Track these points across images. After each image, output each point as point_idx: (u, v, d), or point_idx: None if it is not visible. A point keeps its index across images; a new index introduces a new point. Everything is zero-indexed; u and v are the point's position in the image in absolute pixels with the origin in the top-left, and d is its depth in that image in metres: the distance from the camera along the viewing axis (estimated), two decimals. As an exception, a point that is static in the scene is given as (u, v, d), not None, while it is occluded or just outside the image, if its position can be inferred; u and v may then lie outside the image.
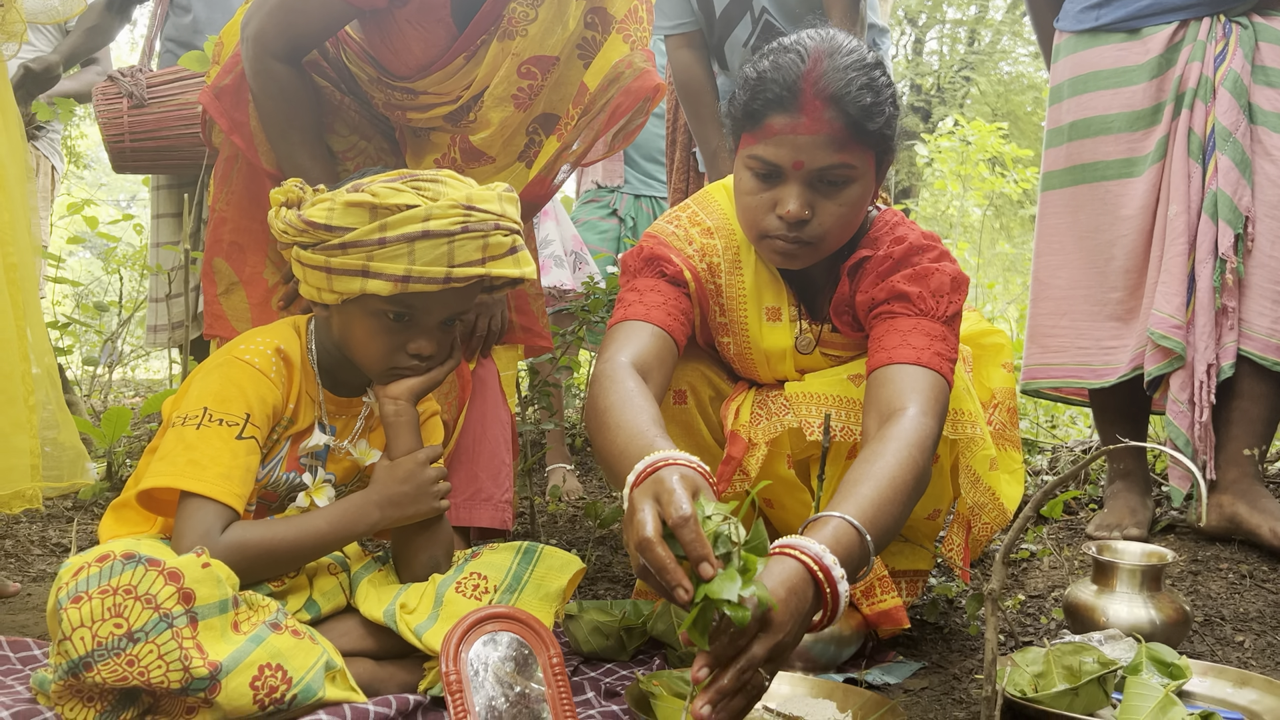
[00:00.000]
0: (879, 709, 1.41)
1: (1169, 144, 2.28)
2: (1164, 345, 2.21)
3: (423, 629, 1.43)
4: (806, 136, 1.51)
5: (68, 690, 1.21)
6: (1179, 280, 2.23)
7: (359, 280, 1.44)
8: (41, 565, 2.30)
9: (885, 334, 1.57)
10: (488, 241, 1.45)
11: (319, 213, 1.44)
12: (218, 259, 2.10)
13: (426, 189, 1.45)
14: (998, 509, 1.73)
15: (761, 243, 1.61)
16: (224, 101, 2.02)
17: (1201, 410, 2.19)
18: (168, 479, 1.41)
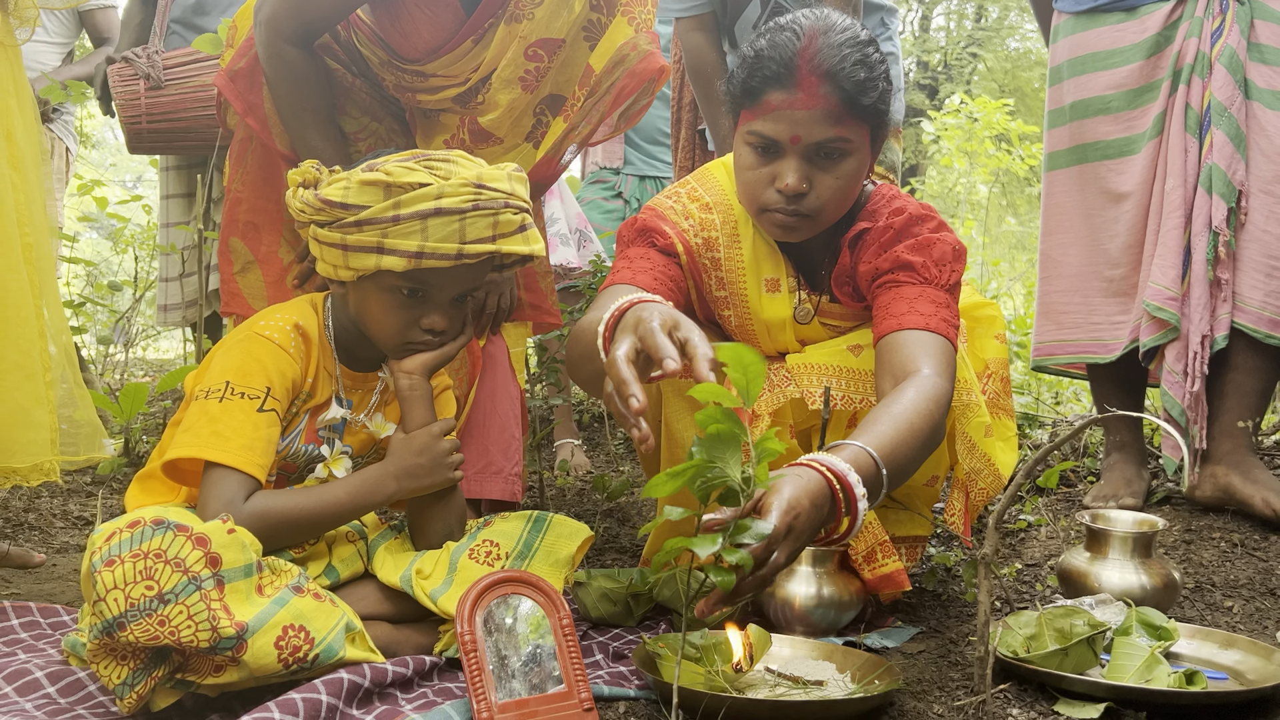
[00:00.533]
0: (876, 669, 1.46)
1: (1166, 120, 2.32)
2: (1159, 317, 2.26)
3: (438, 593, 1.49)
4: (803, 111, 1.57)
5: (102, 649, 1.27)
6: (1175, 253, 2.27)
7: (374, 257, 1.49)
8: (64, 538, 2.37)
9: (892, 301, 1.63)
10: (498, 219, 1.50)
11: (335, 191, 1.49)
12: (234, 238, 2.15)
13: (439, 168, 1.50)
14: (993, 474, 1.79)
15: (762, 216, 1.67)
16: (239, 84, 2.07)
17: (1194, 380, 2.24)
18: (192, 450, 1.47)
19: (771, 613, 1.70)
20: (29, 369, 1.84)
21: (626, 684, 1.46)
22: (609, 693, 1.42)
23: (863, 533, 1.71)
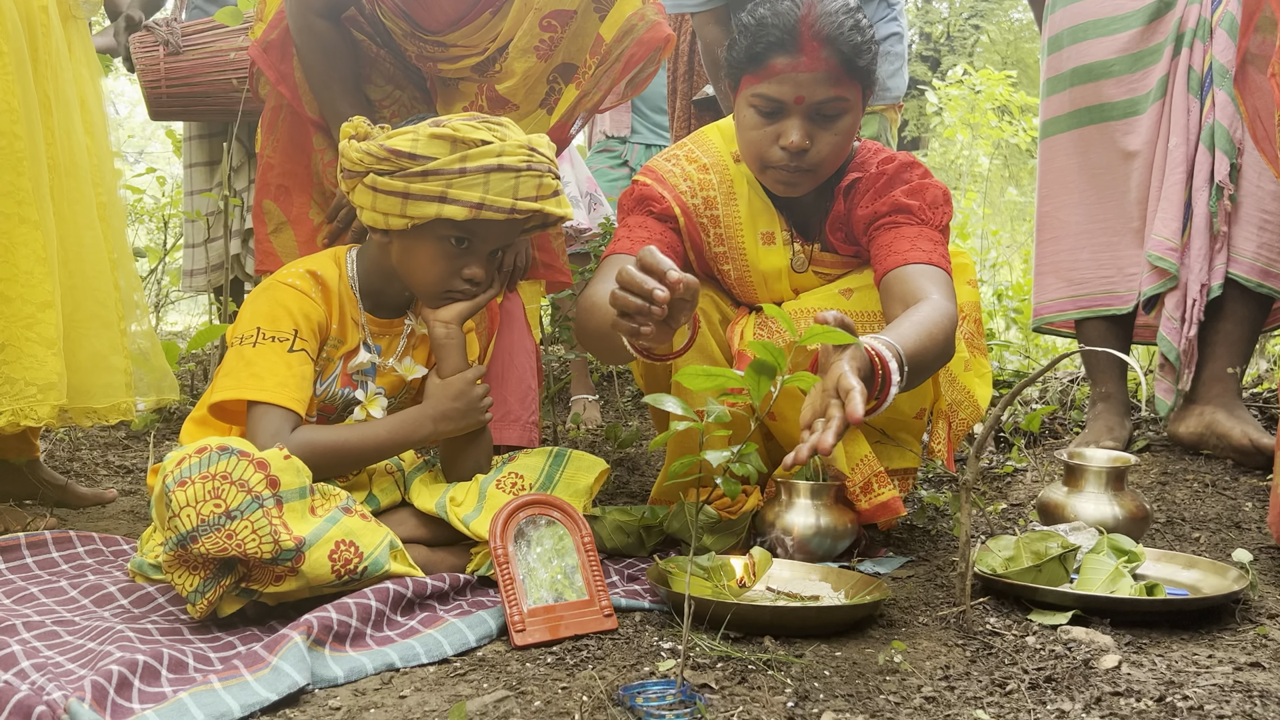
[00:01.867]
0: (867, 587, 1.61)
1: (1169, 82, 2.45)
2: (1159, 266, 2.40)
3: (470, 518, 1.64)
4: (806, 74, 1.72)
5: (176, 561, 1.42)
6: (1176, 207, 2.41)
7: (436, 205, 1.61)
8: (108, 484, 2.52)
9: (894, 240, 1.77)
10: (542, 181, 1.65)
11: (403, 142, 1.61)
12: (267, 200, 2.29)
13: (496, 129, 1.64)
14: (973, 405, 1.95)
15: (765, 173, 1.82)
16: (271, 55, 2.20)
17: (1190, 326, 2.39)
18: (233, 391, 1.62)
19: (771, 541, 1.85)
20: (105, 318, 1.99)
21: (641, 599, 1.61)
22: (625, 604, 1.57)
23: (859, 465, 1.86)
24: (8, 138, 1.91)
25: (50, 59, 1.98)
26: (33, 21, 1.96)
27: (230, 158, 3.28)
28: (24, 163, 1.90)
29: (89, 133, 2.06)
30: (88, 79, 2.09)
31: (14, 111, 1.89)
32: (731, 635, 1.45)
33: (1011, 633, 1.47)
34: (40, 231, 1.91)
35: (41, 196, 1.93)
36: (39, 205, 1.91)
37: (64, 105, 2.00)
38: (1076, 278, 2.63)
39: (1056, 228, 2.67)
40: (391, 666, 1.33)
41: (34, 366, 1.87)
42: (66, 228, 1.98)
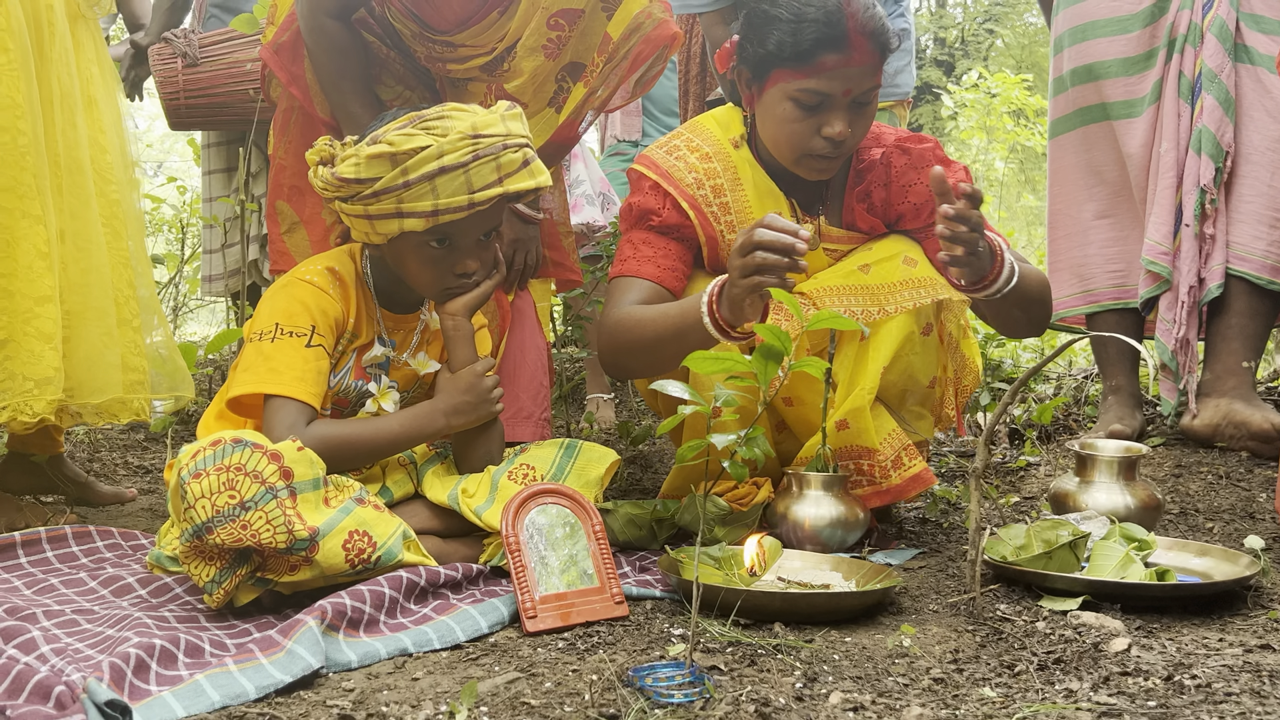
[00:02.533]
0: (878, 575, 1.62)
1: (1162, 86, 2.47)
2: (1152, 270, 2.41)
3: (481, 509, 1.66)
4: (856, 69, 1.79)
5: (192, 551, 1.44)
6: (1168, 211, 2.43)
7: (395, 221, 1.64)
8: (127, 484, 2.55)
9: None
10: (499, 162, 1.64)
11: (348, 169, 1.62)
12: (280, 201, 2.32)
13: (435, 127, 1.63)
14: (973, 372, 2.01)
15: (801, 162, 1.87)
16: (282, 57, 2.23)
17: (1180, 327, 2.40)
18: (251, 386, 1.64)
19: (783, 533, 1.85)
20: (116, 315, 2.01)
21: (652, 587, 1.62)
22: (637, 593, 1.58)
23: (888, 439, 1.88)
24: (10, 133, 1.91)
25: (57, 56, 2.00)
26: (39, 19, 1.98)
27: (248, 164, 3.32)
28: (27, 158, 1.91)
29: (100, 130, 2.08)
30: (98, 78, 2.11)
31: (18, 107, 1.90)
32: (742, 622, 1.46)
33: (1021, 618, 1.47)
34: (42, 226, 1.92)
35: (44, 192, 1.93)
36: (41, 200, 1.92)
37: (69, 103, 2.02)
38: (1086, 273, 2.65)
39: (1067, 225, 2.68)
40: (404, 651, 1.34)
41: (31, 361, 1.88)
42: (72, 224, 2.00)
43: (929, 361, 1.92)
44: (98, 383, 1.99)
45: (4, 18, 1.91)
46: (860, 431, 1.87)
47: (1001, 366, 3.18)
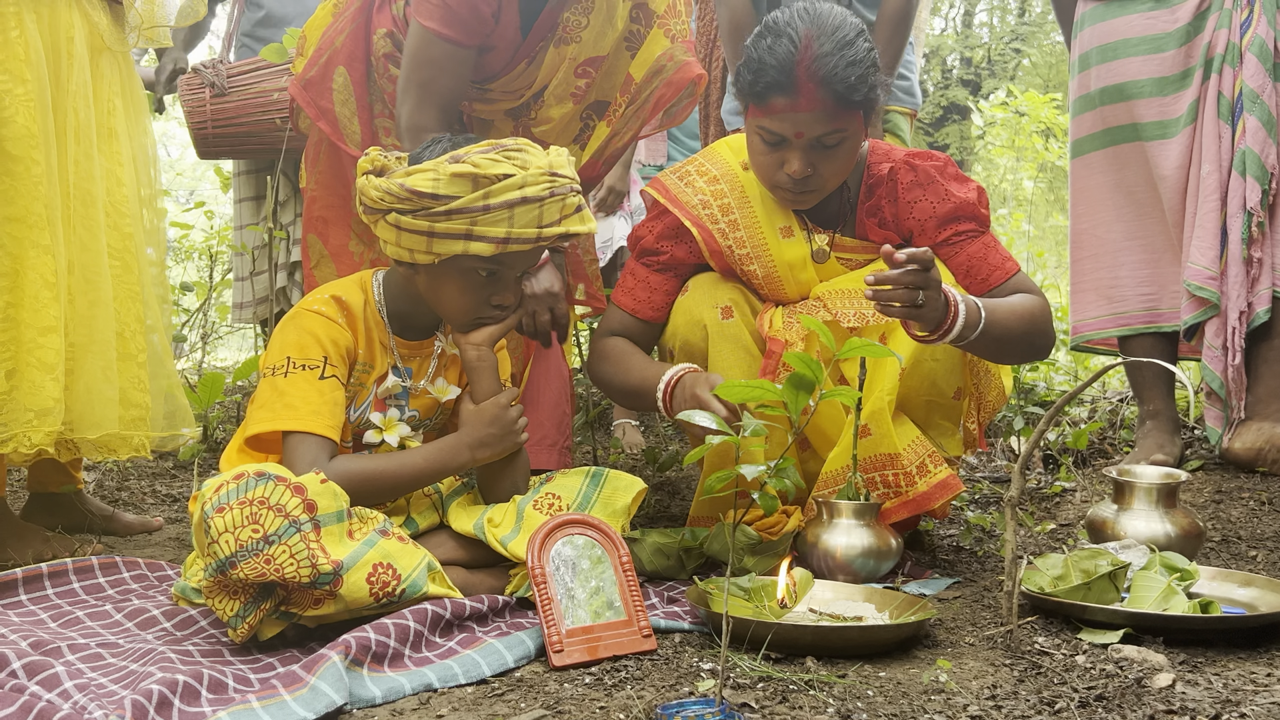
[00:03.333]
0: (912, 607, 1.58)
1: (1200, 107, 2.43)
2: (1199, 295, 2.36)
3: (507, 539, 1.64)
4: (804, 114, 1.81)
5: (216, 586, 1.43)
6: (1212, 234, 2.38)
7: (461, 243, 1.62)
8: (155, 512, 2.55)
9: (984, 252, 1.93)
10: (565, 202, 1.65)
11: (424, 182, 1.60)
12: (310, 234, 2.32)
13: (515, 157, 1.63)
14: (999, 388, 1.99)
15: (774, 191, 1.93)
16: (310, 91, 2.23)
17: (1234, 354, 2.34)
18: (267, 423, 1.62)
19: (814, 563, 1.82)
20: (106, 351, 1.99)
21: (680, 619, 1.59)
22: (665, 625, 1.56)
23: (912, 446, 1.86)
24: (24, 163, 1.91)
25: (75, 88, 2.00)
26: (59, 51, 1.99)
27: (275, 193, 3.34)
28: (39, 188, 1.90)
29: (118, 163, 2.08)
30: (121, 110, 2.11)
31: (33, 138, 1.91)
32: (773, 656, 1.42)
33: (1060, 652, 1.44)
34: (50, 257, 1.91)
35: (54, 222, 1.93)
36: (51, 231, 1.92)
37: (85, 134, 2.01)
38: (1116, 295, 2.60)
39: (1094, 245, 2.63)
40: (429, 687, 1.32)
41: (32, 392, 1.87)
42: (81, 255, 1.99)
43: (951, 371, 1.91)
44: (95, 417, 1.95)
45: (24, 49, 1.92)
46: (881, 437, 1.84)
47: (1035, 390, 3.13)
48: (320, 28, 2.28)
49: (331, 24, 2.25)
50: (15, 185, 1.90)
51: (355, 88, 2.23)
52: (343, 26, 2.21)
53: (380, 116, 2.26)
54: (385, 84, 2.22)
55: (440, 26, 1.97)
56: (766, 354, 1.92)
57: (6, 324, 1.88)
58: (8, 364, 1.88)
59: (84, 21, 2.04)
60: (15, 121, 1.90)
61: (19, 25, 1.92)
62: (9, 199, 1.90)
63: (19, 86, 1.91)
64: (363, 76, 2.23)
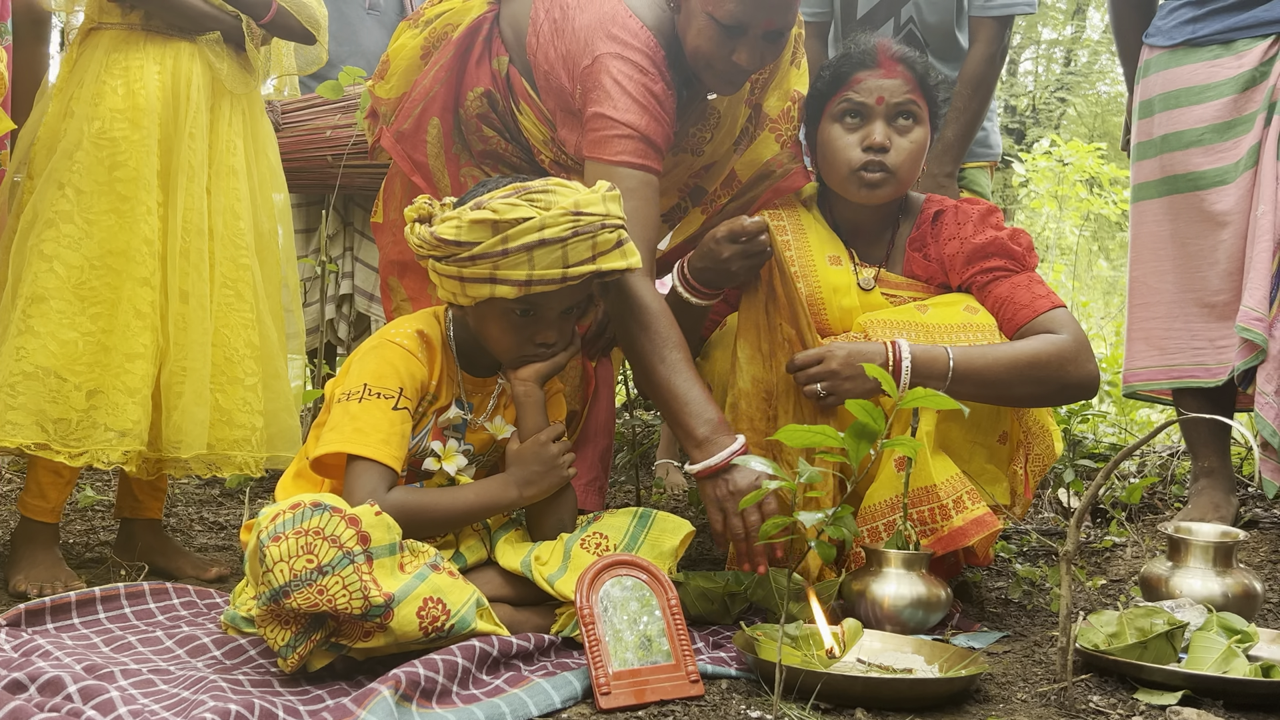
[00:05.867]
0: (962, 660, 1.56)
1: (1260, 150, 2.40)
2: (1246, 338, 2.32)
3: (554, 578, 1.64)
4: (886, 80, 2.00)
5: (269, 615, 1.43)
6: (1264, 276, 2.33)
7: (488, 286, 1.65)
8: (203, 539, 2.58)
9: (1012, 291, 1.95)
10: (595, 240, 1.65)
11: (448, 230, 1.64)
12: (391, 278, 2.32)
13: (539, 200, 1.64)
14: (1047, 443, 1.98)
15: (850, 179, 2.02)
16: (405, 144, 2.20)
17: None
18: (337, 445, 1.64)
19: (861, 612, 1.80)
20: (202, 376, 2.07)
21: (727, 665, 1.58)
22: (711, 671, 1.54)
23: (950, 483, 1.84)
24: (130, 202, 2.06)
25: (190, 130, 2.13)
26: (178, 96, 2.14)
27: (326, 226, 3.39)
28: (141, 225, 2.04)
29: (236, 199, 2.19)
30: (241, 149, 2.23)
31: (142, 179, 2.06)
32: (821, 706, 1.41)
33: (1116, 712, 1.41)
34: (148, 289, 2.04)
35: (154, 256, 2.06)
36: (151, 264, 2.05)
37: (198, 174, 2.14)
38: (1170, 347, 2.56)
39: (1148, 294, 2.60)
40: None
41: (114, 413, 1.99)
42: (197, 286, 2.11)
43: (994, 413, 1.92)
44: (186, 438, 2.05)
45: (143, 98, 2.09)
46: (918, 470, 1.83)
47: (1084, 442, 3.10)
48: (405, 58, 2.18)
49: (424, 70, 2.17)
50: (121, 222, 2.05)
51: (444, 139, 2.20)
52: (439, 76, 2.14)
53: (466, 166, 2.23)
54: (475, 142, 2.20)
55: (636, 158, 1.89)
56: None
57: (97, 349, 2.02)
58: (90, 384, 2.00)
59: (205, 69, 2.18)
60: (128, 165, 2.06)
61: (141, 77, 2.10)
62: (114, 234, 2.05)
63: (135, 133, 2.07)
64: (451, 127, 2.20)
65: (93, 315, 2.02)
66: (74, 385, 1.98)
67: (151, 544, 2.24)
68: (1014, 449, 1.96)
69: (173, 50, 2.15)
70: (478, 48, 2.13)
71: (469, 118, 2.17)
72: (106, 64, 2.11)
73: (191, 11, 2.15)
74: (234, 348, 2.14)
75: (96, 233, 2.04)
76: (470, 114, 2.16)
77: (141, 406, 1.99)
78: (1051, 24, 17.38)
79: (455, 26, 2.11)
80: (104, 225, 2.05)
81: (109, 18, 2.16)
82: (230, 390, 2.12)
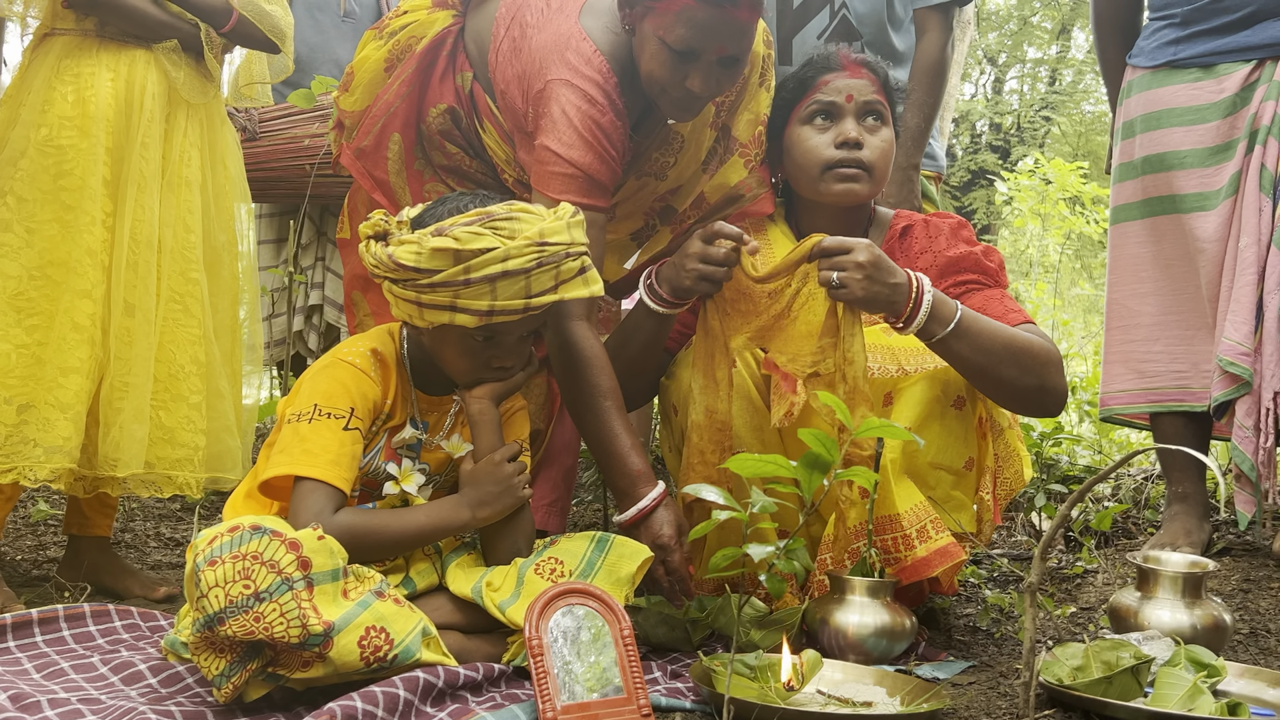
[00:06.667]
0: (924, 693, 1.52)
1: (1241, 179, 2.37)
2: (1231, 371, 2.29)
3: (506, 605, 1.59)
4: (853, 80, 2.01)
5: (203, 643, 1.38)
6: (1247, 309, 2.30)
7: (447, 314, 1.60)
8: (158, 556, 2.52)
9: (986, 303, 1.92)
10: (559, 270, 1.62)
11: (407, 255, 1.59)
12: (355, 292, 2.27)
13: (503, 228, 1.60)
14: (1017, 467, 1.93)
15: (825, 177, 2.00)
16: (365, 161, 2.16)
17: (1266, 436, 2.26)
18: (285, 467, 1.59)
19: (824, 641, 1.76)
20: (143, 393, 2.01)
21: (683, 698, 1.53)
22: (666, 704, 1.50)
23: (914, 512, 1.79)
24: (76, 212, 2.01)
25: (142, 140, 2.08)
26: (131, 105, 2.09)
27: (299, 236, 3.34)
28: (84, 236, 1.99)
29: (188, 211, 2.14)
30: (197, 160, 2.17)
31: (88, 189, 2.01)
32: (776, 741, 1.36)
33: (1079, 751, 1.37)
34: (88, 301, 1.98)
35: (98, 268, 2.00)
36: (94, 276, 1.99)
37: (149, 184, 2.08)
38: (1149, 370, 2.53)
39: (1127, 316, 2.57)
40: (415, 762, 1.27)
41: (44, 428, 1.94)
42: (143, 299, 2.05)
43: (961, 439, 1.87)
44: (124, 456, 1.99)
45: (94, 105, 2.04)
46: (881, 498, 1.79)
47: (1058, 465, 3.06)
48: (369, 70, 2.13)
49: (386, 84, 2.12)
50: (64, 232, 2.01)
51: (406, 154, 2.16)
52: (400, 90, 2.10)
53: (431, 182, 2.19)
54: (438, 157, 2.16)
55: (578, 197, 1.84)
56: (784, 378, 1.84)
57: (30, 362, 1.97)
58: (22, 399, 1.94)
59: (160, 78, 2.13)
60: (74, 174, 2.02)
61: (93, 84, 2.05)
62: (56, 244, 2.01)
63: (84, 141, 2.03)
64: (413, 142, 2.16)
65: (28, 327, 1.97)
66: (4, 399, 1.93)
67: (99, 562, 2.17)
68: (980, 475, 1.92)
69: (127, 58, 2.10)
70: (441, 62, 2.09)
71: (431, 134, 2.12)
72: (58, 70, 2.07)
73: (147, 19, 2.11)
74: (179, 364, 2.08)
75: (37, 242, 1.99)
76: (432, 130, 2.11)
77: (74, 423, 1.94)
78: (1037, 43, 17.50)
79: (419, 39, 2.07)
80: (45, 235, 2.00)
81: (63, 24, 2.11)
82: (174, 408, 2.06)
